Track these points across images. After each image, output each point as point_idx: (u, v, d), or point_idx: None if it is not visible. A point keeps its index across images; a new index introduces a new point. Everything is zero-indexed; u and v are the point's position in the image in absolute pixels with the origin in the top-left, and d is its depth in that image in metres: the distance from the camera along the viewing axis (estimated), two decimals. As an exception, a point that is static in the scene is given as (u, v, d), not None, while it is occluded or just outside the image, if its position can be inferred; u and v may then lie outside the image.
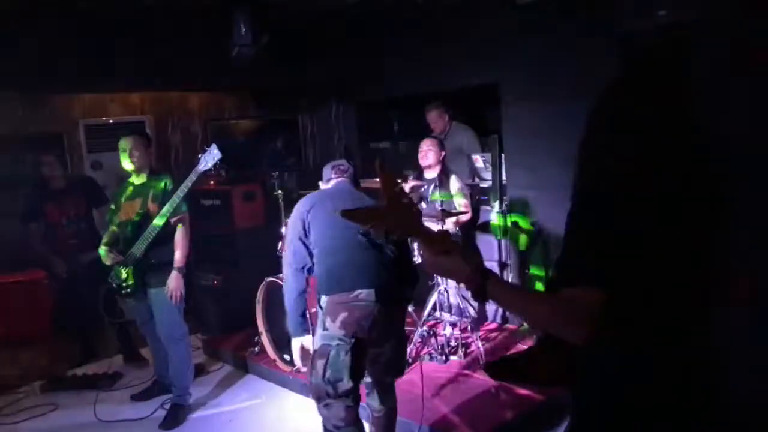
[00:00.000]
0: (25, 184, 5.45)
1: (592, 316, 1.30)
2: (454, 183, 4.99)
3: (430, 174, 4.98)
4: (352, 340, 2.91)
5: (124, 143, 4.19)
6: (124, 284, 4.15)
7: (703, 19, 3.63)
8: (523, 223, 5.23)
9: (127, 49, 5.49)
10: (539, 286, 5.19)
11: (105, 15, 5.10)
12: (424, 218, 4.68)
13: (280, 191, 5.17)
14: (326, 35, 6.23)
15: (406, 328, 4.47)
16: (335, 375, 2.89)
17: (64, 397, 4.73)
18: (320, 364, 2.92)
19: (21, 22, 4.92)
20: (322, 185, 3.45)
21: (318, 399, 3.01)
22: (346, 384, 2.90)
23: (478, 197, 5.73)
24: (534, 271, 5.24)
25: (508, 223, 5.24)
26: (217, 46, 5.47)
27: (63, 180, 5.27)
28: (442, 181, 4.87)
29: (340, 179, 3.35)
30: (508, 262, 5.35)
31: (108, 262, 4.14)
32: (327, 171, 3.42)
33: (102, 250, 4.14)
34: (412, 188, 4.97)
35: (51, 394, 4.82)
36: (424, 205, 4.92)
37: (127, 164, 4.20)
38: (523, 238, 5.27)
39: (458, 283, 1.64)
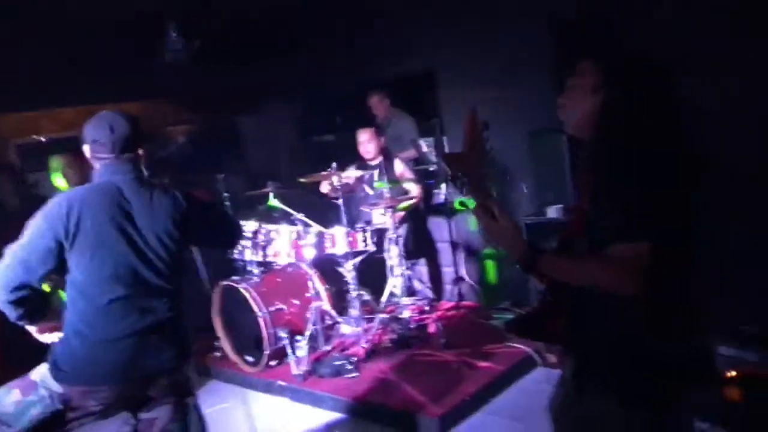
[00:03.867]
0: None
1: (640, 266, 1.50)
2: (399, 166, 5.06)
3: (373, 161, 5.03)
4: (60, 407, 2.49)
5: (56, 162, 4.10)
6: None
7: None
8: (471, 204, 5.33)
9: (55, 63, 5.34)
10: (490, 265, 5.32)
11: (31, 28, 4.94)
12: (371, 206, 4.77)
13: (226, 194, 5.14)
14: (262, 34, 6.18)
15: (365, 316, 4.59)
16: (13, 420, 2.50)
17: None
18: (17, 398, 2.52)
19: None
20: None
21: None
22: None
23: (425, 182, 5.83)
24: (486, 252, 5.35)
25: (457, 205, 5.35)
26: (149, 54, 5.38)
27: (17, 199, 5.10)
28: (386, 167, 4.93)
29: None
30: (459, 241, 5.46)
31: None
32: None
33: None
34: (357, 178, 5.02)
35: None
36: (370, 191, 4.98)
37: (60, 183, 4.09)
38: (473, 220, 5.38)
39: (510, 253, 1.74)
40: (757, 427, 2.65)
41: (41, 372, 2.45)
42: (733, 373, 2.81)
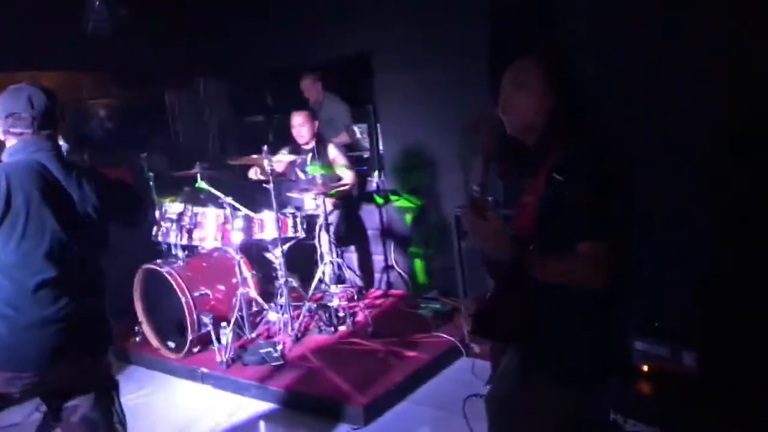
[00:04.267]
0: None
1: (609, 263, 1.64)
2: (332, 151, 5.01)
3: (306, 146, 4.96)
4: None
5: None
6: None
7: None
8: (408, 203, 5.33)
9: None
10: (418, 264, 5.37)
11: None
12: (303, 192, 4.70)
13: (150, 174, 4.94)
14: (193, 6, 5.96)
15: (293, 303, 4.54)
16: None
17: None
18: None
19: None
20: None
21: None
22: None
23: (357, 168, 5.79)
24: (413, 249, 5.39)
25: (390, 197, 5.36)
26: (71, 22, 5.08)
27: None
28: (319, 152, 4.87)
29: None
30: (389, 230, 5.48)
31: None
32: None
33: None
34: (289, 163, 4.94)
35: None
36: (302, 176, 4.91)
37: None
38: (408, 216, 5.39)
39: (496, 250, 1.76)
40: (665, 420, 2.80)
41: None
42: (645, 368, 2.95)
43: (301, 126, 4.90)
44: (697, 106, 3.21)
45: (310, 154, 4.85)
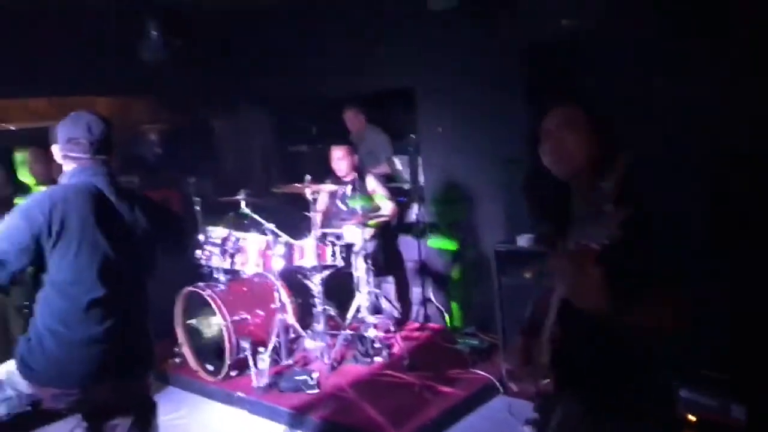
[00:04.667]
0: None
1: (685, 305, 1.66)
2: (371, 182, 5.06)
3: (346, 178, 5.02)
4: (27, 408, 2.34)
5: (22, 156, 4.00)
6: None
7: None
8: (448, 246, 5.32)
9: (33, 53, 5.22)
10: (457, 297, 5.33)
11: (9, 17, 4.83)
12: (344, 221, 4.75)
13: (197, 198, 5.06)
14: (243, 38, 6.15)
15: (330, 332, 4.55)
16: None
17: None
18: None
19: None
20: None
21: None
22: None
23: (398, 199, 5.83)
24: (452, 283, 5.35)
25: (429, 237, 5.36)
26: (128, 50, 5.30)
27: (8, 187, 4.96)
28: (359, 183, 4.92)
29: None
30: (428, 262, 5.47)
31: None
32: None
33: None
34: (330, 194, 5.00)
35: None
36: (342, 207, 4.96)
37: (25, 178, 4.00)
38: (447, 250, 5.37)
39: (593, 306, 1.62)
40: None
41: (7, 370, 2.33)
42: (693, 418, 2.85)
43: (339, 160, 4.98)
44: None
45: (350, 186, 4.91)
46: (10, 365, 2.33)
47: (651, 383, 1.80)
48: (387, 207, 5.04)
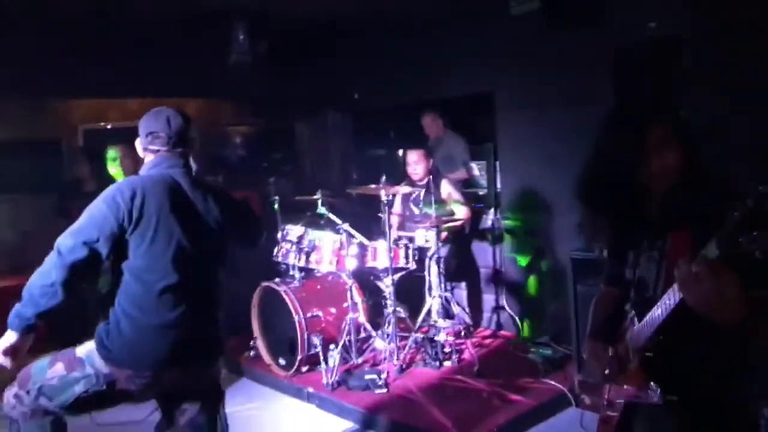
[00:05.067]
0: (25, 189, 5.51)
1: None
2: (446, 186, 5.05)
3: (420, 182, 5.02)
4: (103, 387, 2.43)
5: (113, 152, 4.23)
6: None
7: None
8: (523, 253, 5.25)
9: (127, 56, 5.56)
10: (531, 306, 5.24)
11: (106, 22, 5.16)
12: (418, 224, 4.76)
13: (276, 197, 5.21)
14: (324, 44, 6.30)
15: (400, 333, 4.57)
16: (54, 393, 2.42)
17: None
18: (61, 372, 2.44)
19: (22, 28, 4.99)
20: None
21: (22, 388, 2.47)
22: (51, 406, 2.43)
23: (473, 205, 5.79)
24: (527, 291, 5.27)
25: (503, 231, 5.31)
26: (216, 54, 5.54)
27: (94, 182, 5.31)
28: (434, 187, 4.92)
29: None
30: (502, 269, 5.40)
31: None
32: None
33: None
34: (403, 197, 5.02)
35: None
36: (416, 210, 4.97)
37: (115, 173, 4.23)
38: (522, 258, 5.29)
39: (730, 316, 1.51)
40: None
41: (87, 350, 2.45)
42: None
43: (416, 164, 4.98)
44: None
45: (424, 190, 4.91)
46: (90, 345, 2.45)
47: (740, 400, 1.75)
48: (461, 212, 5.01)
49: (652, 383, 1.82)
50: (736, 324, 1.50)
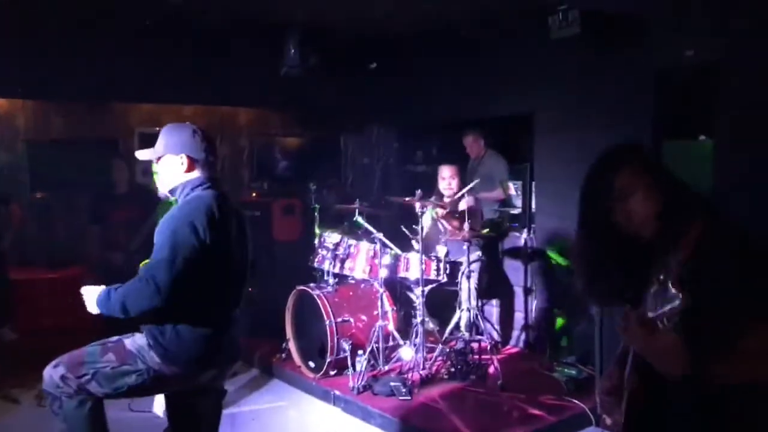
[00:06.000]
0: (82, 187, 5.86)
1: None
2: (464, 202, 5.05)
3: (451, 198, 5.08)
4: (150, 381, 2.60)
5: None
6: None
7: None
8: (562, 261, 5.29)
9: (184, 64, 5.87)
10: (559, 327, 5.28)
11: (165, 31, 5.49)
12: (446, 240, 4.85)
13: (317, 205, 5.40)
14: (371, 60, 6.50)
15: (427, 344, 4.67)
16: (107, 381, 2.58)
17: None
18: (113, 362, 2.58)
19: (83, 36, 5.35)
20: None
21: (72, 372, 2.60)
22: (100, 392, 2.60)
23: (508, 224, 5.87)
24: (556, 312, 5.31)
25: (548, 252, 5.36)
26: (267, 66, 5.80)
27: (128, 185, 5.61)
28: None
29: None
30: (533, 288, 5.45)
31: None
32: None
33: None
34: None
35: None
36: (447, 226, 5.03)
37: (155, 180, 4.44)
38: (559, 272, 5.33)
39: (671, 369, 1.61)
40: None
41: (138, 345, 2.59)
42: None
43: (451, 178, 5.08)
44: None
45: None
46: (140, 340, 2.60)
47: None
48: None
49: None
50: (677, 377, 1.57)
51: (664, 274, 1.64)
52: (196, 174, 2.66)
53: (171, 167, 2.68)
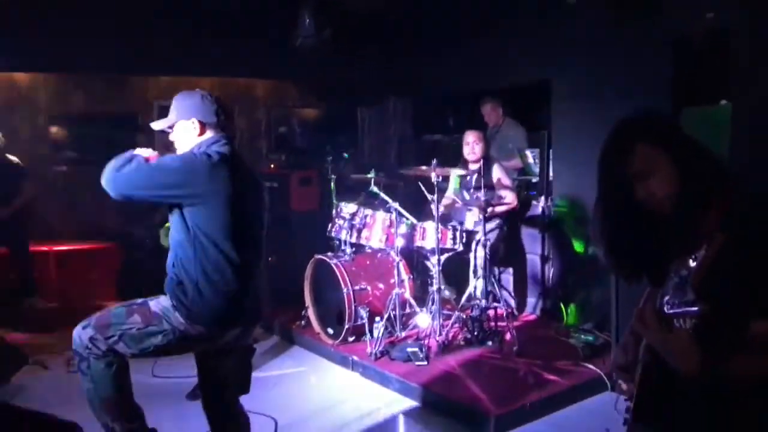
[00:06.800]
0: (104, 161, 5.94)
1: None
2: (497, 171, 5.14)
3: (474, 165, 5.13)
4: (175, 341, 2.66)
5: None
6: None
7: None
8: (578, 247, 5.31)
9: (201, 37, 5.90)
10: (576, 294, 5.30)
11: (183, 4, 5.51)
12: (468, 207, 4.89)
13: (333, 176, 5.44)
14: (387, 30, 6.47)
15: (444, 311, 4.73)
16: (134, 342, 2.65)
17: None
18: (139, 324, 2.64)
19: (102, 11, 5.39)
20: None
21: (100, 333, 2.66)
22: (128, 352, 2.66)
23: (526, 192, 5.87)
24: (573, 279, 5.32)
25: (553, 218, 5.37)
26: (284, 38, 5.81)
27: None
28: (485, 172, 5.02)
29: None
30: (551, 256, 5.47)
31: (165, 244, 4.42)
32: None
33: (163, 230, 4.43)
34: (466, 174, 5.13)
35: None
36: (466, 195, 5.09)
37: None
38: (574, 245, 5.34)
39: (685, 365, 1.54)
40: None
41: (162, 306, 2.65)
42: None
43: (475, 143, 5.09)
44: None
45: (476, 174, 5.01)
46: (165, 302, 2.66)
47: None
48: (509, 197, 5.10)
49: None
50: (694, 376, 1.51)
51: (684, 270, 1.62)
52: (209, 135, 2.71)
53: (184, 133, 2.72)
